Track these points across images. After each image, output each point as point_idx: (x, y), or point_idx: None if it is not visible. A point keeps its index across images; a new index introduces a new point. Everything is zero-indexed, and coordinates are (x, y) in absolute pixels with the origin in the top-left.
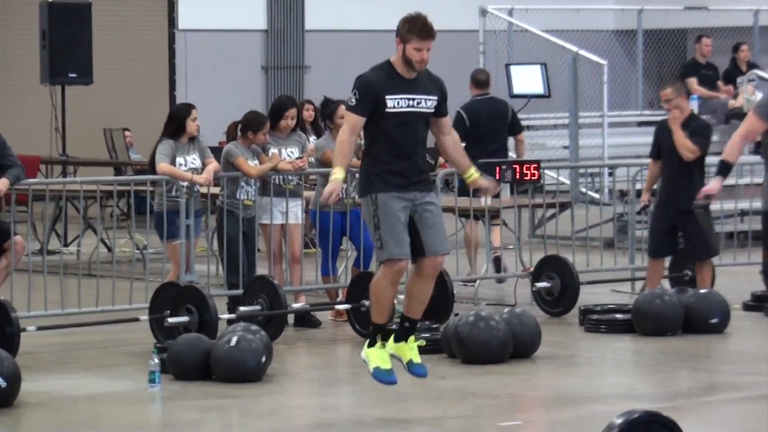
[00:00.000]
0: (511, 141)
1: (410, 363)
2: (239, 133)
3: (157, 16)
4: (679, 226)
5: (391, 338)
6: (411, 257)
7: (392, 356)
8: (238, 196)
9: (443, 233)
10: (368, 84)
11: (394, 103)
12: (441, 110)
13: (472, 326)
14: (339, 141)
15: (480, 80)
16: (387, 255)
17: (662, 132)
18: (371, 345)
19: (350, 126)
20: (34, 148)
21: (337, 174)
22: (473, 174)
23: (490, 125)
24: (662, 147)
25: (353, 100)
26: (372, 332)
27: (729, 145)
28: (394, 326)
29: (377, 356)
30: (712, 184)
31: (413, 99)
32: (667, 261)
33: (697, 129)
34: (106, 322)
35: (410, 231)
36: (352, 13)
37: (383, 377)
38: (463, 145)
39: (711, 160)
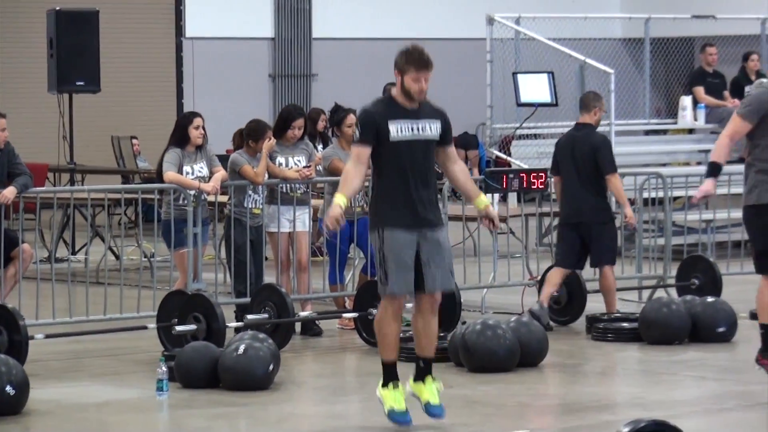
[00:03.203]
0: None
1: (428, 404)
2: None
3: (164, 24)
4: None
5: (411, 378)
6: (414, 292)
7: (411, 395)
8: (245, 205)
9: (446, 271)
10: (369, 115)
11: (397, 129)
12: (446, 138)
13: (479, 334)
14: (345, 171)
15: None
16: (388, 291)
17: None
18: (385, 385)
19: (355, 156)
20: (42, 156)
21: (338, 200)
22: (484, 201)
23: None
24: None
25: (357, 133)
26: (384, 371)
27: (717, 147)
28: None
29: (391, 398)
30: (707, 185)
31: (416, 125)
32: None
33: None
34: (114, 330)
35: (415, 264)
36: (359, 21)
37: (398, 419)
38: None
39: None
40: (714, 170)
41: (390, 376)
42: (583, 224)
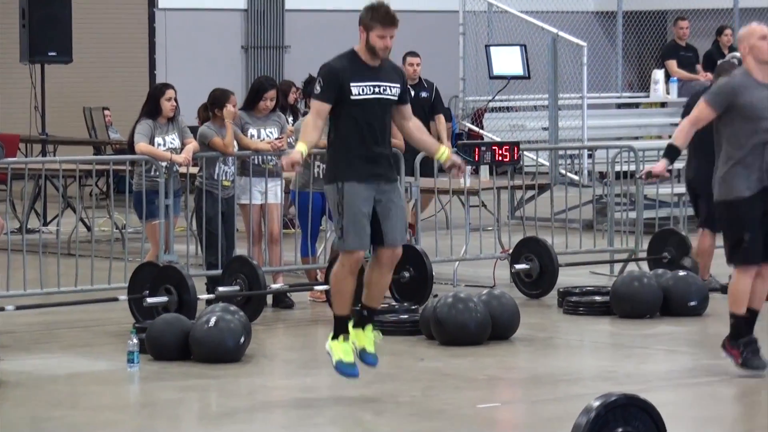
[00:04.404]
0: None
1: (363, 351)
2: (210, 114)
3: None
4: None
5: (350, 322)
6: (371, 246)
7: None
8: (216, 177)
9: (403, 225)
10: (333, 72)
11: (359, 90)
12: (404, 98)
13: (450, 308)
14: (304, 123)
15: None
16: (346, 246)
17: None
18: (335, 338)
19: (315, 112)
20: (14, 126)
21: (300, 147)
22: (445, 152)
23: None
24: None
25: (318, 87)
26: (335, 324)
27: (678, 132)
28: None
29: (341, 349)
30: (660, 166)
31: (378, 86)
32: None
33: None
34: (85, 301)
35: (372, 219)
36: None
37: (345, 370)
38: None
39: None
40: (671, 153)
41: (341, 329)
42: (691, 182)
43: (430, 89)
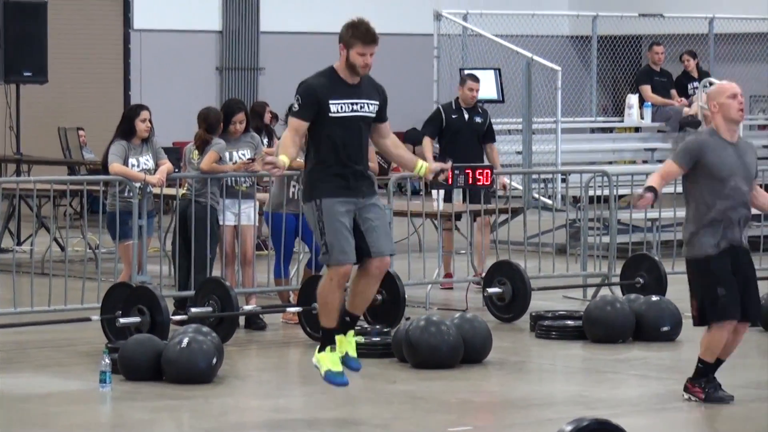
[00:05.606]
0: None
1: (346, 355)
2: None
3: (112, 16)
4: None
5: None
6: (356, 260)
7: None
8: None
9: (388, 234)
10: (311, 89)
11: (338, 107)
12: (382, 116)
13: (422, 331)
14: (282, 139)
15: None
16: (332, 260)
17: None
18: (322, 350)
19: (293, 130)
20: None
21: (282, 158)
22: (423, 165)
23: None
24: None
25: (296, 105)
26: (322, 337)
27: (652, 178)
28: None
29: (328, 360)
30: (648, 199)
31: (356, 103)
32: None
33: None
34: (58, 321)
35: (355, 233)
36: (306, 15)
37: (335, 379)
38: None
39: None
40: (652, 191)
41: (328, 341)
42: None
43: (484, 116)
